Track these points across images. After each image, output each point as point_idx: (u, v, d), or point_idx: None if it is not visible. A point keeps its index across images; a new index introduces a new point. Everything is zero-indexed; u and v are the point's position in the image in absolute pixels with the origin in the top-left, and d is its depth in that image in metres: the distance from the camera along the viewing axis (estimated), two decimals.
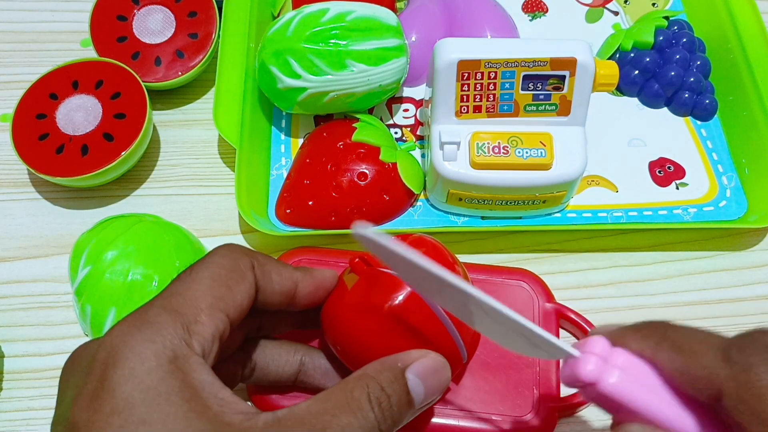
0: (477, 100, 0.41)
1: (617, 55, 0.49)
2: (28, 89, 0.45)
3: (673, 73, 0.47)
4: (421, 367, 0.28)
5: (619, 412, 0.25)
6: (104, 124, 0.44)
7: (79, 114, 0.45)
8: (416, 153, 0.46)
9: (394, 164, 0.43)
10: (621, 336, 0.26)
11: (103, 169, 0.43)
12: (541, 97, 0.41)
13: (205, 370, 0.25)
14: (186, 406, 0.23)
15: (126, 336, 0.24)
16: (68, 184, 0.44)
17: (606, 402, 0.25)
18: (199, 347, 0.25)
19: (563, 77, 0.40)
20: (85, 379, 0.24)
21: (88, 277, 0.36)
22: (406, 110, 0.48)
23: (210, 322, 0.26)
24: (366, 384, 0.26)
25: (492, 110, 0.41)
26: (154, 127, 0.48)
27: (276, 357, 0.33)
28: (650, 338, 0.25)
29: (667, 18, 0.49)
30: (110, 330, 0.25)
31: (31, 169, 0.43)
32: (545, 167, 0.41)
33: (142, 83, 0.45)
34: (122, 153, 0.43)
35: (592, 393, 0.25)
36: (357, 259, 0.32)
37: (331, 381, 0.34)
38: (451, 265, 0.32)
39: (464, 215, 0.44)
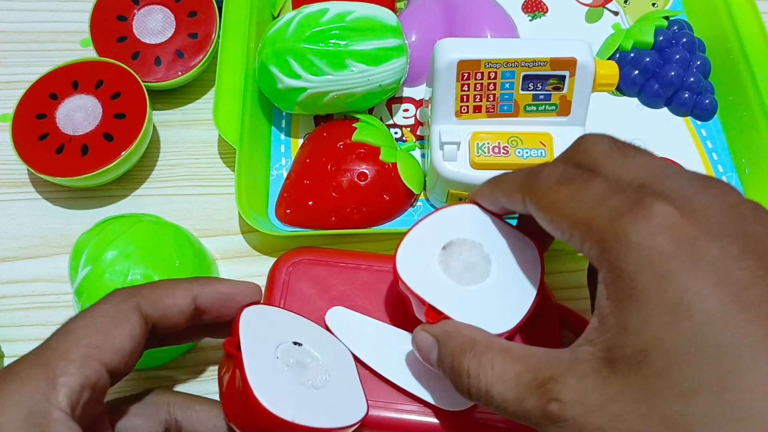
0: (477, 100, 0.41)
1: (617, 55, 0.49)
2: (28, 89, 0.45)
3: (673, 73, 0.47)
4: None
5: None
6: (104, 124, 0.44)
7: (79, 114, 0.45)
8: (416, 153, 0.46)
9: (394, 164, 0.43)
10: (473, 195, 0.34)
11: (103, 169, 0.43)
12: (541, 97, 0.41)
13: (65, 426, 0.24)
14: None
15: None
16: (68, 184, 0.44)
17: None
18: (65, 399, 0.25)
19: (563, 77, 0.40)
20: None
21: (88, 277, 0.36)
22: (406, 110, 0.48)
23: (79, 372, 0.26)
24: None
25: (492, 110, 0.41)
26: (154, 127, 0.48)
27: (141, 423, 0.30)
28: (485, 190, 0.33)
29: (667, 18, 0.49)
30: None
31: (31, 169, 0.43)
32: None
33: (142, 83, 0.45)
34: (122, 153, 0.43)
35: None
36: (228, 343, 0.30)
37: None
38: None
39: None
